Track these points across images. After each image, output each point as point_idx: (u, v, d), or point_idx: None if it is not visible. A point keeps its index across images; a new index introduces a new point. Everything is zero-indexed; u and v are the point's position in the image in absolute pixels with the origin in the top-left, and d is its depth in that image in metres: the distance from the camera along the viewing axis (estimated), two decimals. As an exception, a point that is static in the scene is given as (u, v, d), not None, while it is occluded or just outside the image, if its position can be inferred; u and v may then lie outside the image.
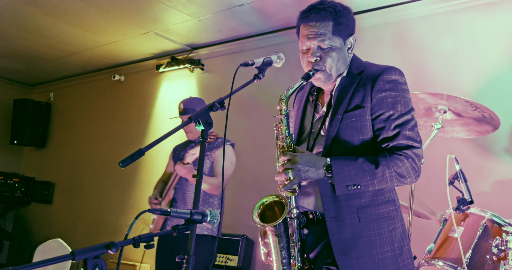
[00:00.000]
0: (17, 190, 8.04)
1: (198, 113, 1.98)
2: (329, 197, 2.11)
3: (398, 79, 2.17)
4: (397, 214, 2.18)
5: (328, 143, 2.16)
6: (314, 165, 2.06)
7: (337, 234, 2.08)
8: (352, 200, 2.10)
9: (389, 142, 2.11)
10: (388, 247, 2.09)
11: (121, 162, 1.68)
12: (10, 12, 5.41)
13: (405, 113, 2.13)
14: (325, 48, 2.19)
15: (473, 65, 4.00)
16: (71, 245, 3.95)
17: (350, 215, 2.09)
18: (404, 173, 2.08)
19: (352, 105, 2.16)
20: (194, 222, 1.69)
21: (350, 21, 2.27)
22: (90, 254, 1.36)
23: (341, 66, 2.24)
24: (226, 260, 4.70)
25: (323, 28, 2.18)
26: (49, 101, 8.46)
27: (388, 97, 2.13)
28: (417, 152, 2.11)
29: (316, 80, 2.25)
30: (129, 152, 1.75)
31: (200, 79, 6.17)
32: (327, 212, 2.11)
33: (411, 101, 2.20)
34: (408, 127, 2.12)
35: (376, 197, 2.13)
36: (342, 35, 2.23)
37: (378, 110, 2.13)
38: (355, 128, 2.14)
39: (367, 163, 2.05)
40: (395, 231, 2.13)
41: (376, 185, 2.07)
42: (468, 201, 2.90)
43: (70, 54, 6.86)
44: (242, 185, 5.26)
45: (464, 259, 2.74)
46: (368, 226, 2.09)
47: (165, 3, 4.89)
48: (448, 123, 3.35)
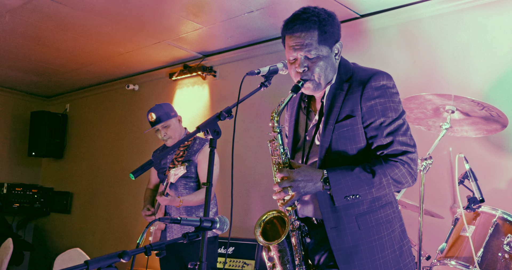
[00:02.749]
0: (36, 201, 8.14)
1: (206, 122, 2.02)
2: (328, 208, 2.13)
3: (386, 84, 2.16)
4: (395, 216, 2.19)
5: (322, 154, 2.17)
6: (311, 179, 2.07)
7: (339, 244, 2.10)
8: (351, 208, 2.11)
9: (383, 150, 2.12)
10: (389, 250, 2.12)
11: (132, 173, 1.74)
12: (26, 27, 5.52)
13: (396, 119, 2.13)
14: (312, 58, 2.18)
15: (483, 64, 3.99)
16: (90, 254, 4.02)
17: (350, 224, 2.11)
18: (401, 179, 2.09)
19: (343, 115, 2.16)
20: (204, 229, 1.73)
21: (335, 27, 2.25)
22: (103, 263, 1.41)
23: (329, 73, 2.23)
24: (243, 264, 4.72)
25: (309, 38, 2.16)
26: (65, 112, 8.56)
27: (378, 104, 2.13)
28: (412, 157, 2.11)
29: (305, 89, 2.25)
30: (145, 160, 1.80)
31: (213, 86, 6.22)
32: (327, 222, 2.13)
33: (401, 104, 2.20)
34: (401, 132, 2.13)
35: (374, 203, 2.14)
36: (328, 43, 2.20)
37: (369, 118, 2.14)
38: (348, 138, 2.15)
39: (364, 173, 2.06)
40: (394, 233, 2.15)
41: (374, 193, 2.08)
42: (479, 199, 2.91)
43: (84, 65, 6.96)
44: (254, 190, 5.30)
45: (476, 258, 2.75)
46: (368, 232, 2.11)
47: (176, 13, 4.95)
48: (457, 122, 3.36)
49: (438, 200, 3.80)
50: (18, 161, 8.57)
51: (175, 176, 3.68)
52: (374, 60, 4.57)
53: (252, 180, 5.37)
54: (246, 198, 5.35)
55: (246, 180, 5.39)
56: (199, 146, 3.98)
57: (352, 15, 4.74)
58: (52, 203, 8.28)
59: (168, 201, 3.68)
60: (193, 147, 3.99)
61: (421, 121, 3.52)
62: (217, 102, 6.08)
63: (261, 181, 5.29)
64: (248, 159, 5.38)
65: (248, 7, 4.71)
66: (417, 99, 3.26)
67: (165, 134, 4.03)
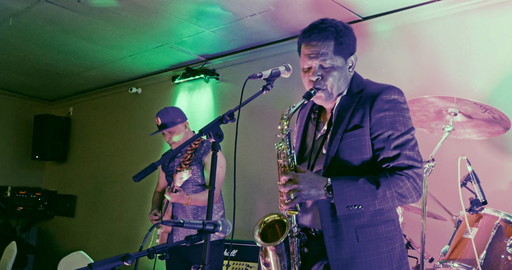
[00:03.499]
0: (40, 204, 8.17)
1: (209, 126, 2.03)
2: (328, 217, 2.12)
3: (397, 98, 2.16)
4: (397, 234, 2.17)
5: (327, 163, 2.16)
6: (315, 186, 2.06)
7: (336, 254, 2.08)
8: (351, 219, 2.10)
9: (389, 163, 2.10)
10: (387, 267, 2.09)
11: (134, 176, 1.74)
12: (29, 31, 5.56)
13: (404, 133, 2.12)
14: (326, 67, 2.20)
15: (486, 66, 3.99)
16: (94, 257, 4.03)
17: (349, 235, 2.09)
18: (405, 193, 2.07)
19: (351, 125, 2.16)
20: (206, 232, 1.74)
21: (351, 40, 2.28)
22: (107, 266, 1.41)
23: (342, 84, 2.25)
24: (246, 267, 4.72)
25: (325, 47, 2.19)
26: (68, 115, 8.59)
27: (387, 117, 2.13)
28: (418, 172, 2.09)
29: (317, 98, 2.26)
30: (148, 163, 1.80)
31: (215, 89, 6.23)
32: (326, 231, 2.11)
33: (411, 120, 2.20)
34: (408, 147, 2.11)
35: (376, 217, 2.13)
36: (343, 54, 2.23)
37: (377, 130, 2.13)
38: (354, 148, 2.14)
39: (368, 184, 2.05)
40: (394, 251, 2.12)
41: (377, 206, 2.06)
42: (482, 202, 2.91)
43: (88, 69, 6.98)
44: (258, 192, 5.31)
45: (479, 260, 2.75)
46: (367, 246, 2.08)
47: (178, 16, 4.97)
48: (459, 125, 3.36)
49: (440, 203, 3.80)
50: (21, 165, 8.61)
51: (181, 180, 3.70)
52: (376, 63, 4.58)
53: (256, 183, 5.38)
54: (250, 201, 5.36)
55: (250, 183, 5.39)
56: (207, 149, 4.02)
57: (354, 17, 4.74)
58: (56, 206, 8.31)
59: (176, 197, 3.70)
60: (200, 150, 4.03)
61: (424, 123, 3.53)
62: (220, 105, 6.09)
63: (265, 184, 5.30)
64: (252, 162, 5.39)
65: (251, 10, 4.72)
66: (420, 101, 3.26)
67: (169, 138, 4.09)
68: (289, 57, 4.90)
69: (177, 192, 3.69)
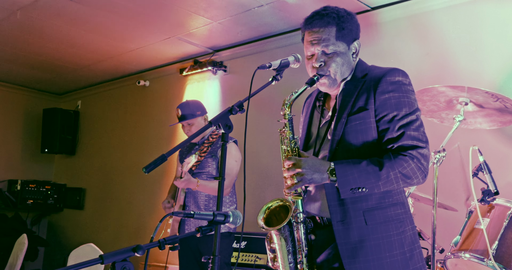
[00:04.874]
0: (50, 197, 8.20)
1: (218, 116, 2.02)
2: (335, 201, 2.10)
3: (401, 80, 2.16)
4: (407, 217, 2.15)
5: (333, 147, 2.15)
6: (318, 169, 2.05)
7: (344, 238, 2.07)
8: (359, 203, 2.08)
9: (393, 143, 2.09)
10: (398, 250, 2.06)
11: (144, 168, 1.74)
12: (36, 25, 5.56)
13: (409, 114, 2.11)
14: (329, 53, 2.20)
15: (497, 55, 3.95)
16: (104, 249, 4.04)
17: (357, 218, 2.07)
18: (409, 174, 2.05)
19: (356, 108, 2.15)
20: (217, 223, 1.73)
21: (354, 25, 2.27)
22: (118, 257, 1.41)
23: (345, 70, 2.24)
24: (255, 258, 4.73)
25: (327, 33, 2.19)
26: (77, 109, 8.60)
27: (392, 98, 2.12)
28: (422, 152, 2.07)
29: (321, 85, 2.26)
30: (157, 156, 1.79)
31: (223, 81, 6.22)
32: (333, 215, 2.10)
33: (416, 102, 2.18)
34: (413, 127, 2.10)
35: (384, 200, 2.10)
36: (346, 40, 2.23)
37: (382, 112, 2.12)
38: (360, 131, 2.13)
39: (371, 166, 2.03)
40: (405, 234, 2.10)
41: (382, 187, 2.04)
42: (493, 192, 2.89)
43: (95, 62, 6.99)
44: (266, 184, 5.30)
45: (491, 251, 2.73)
46: (376, 229, 2.06)
47: (186, 8, 4.95)
48: (470, 114, 3.33)
49: (451, 193, 3.78)
50: (31, 158, 8.64)
51: (188, 164, 3.71)
52: (385, 53, 4.54)
53: (266, 176, 5.36)
54: (259, 192, 5.35)
55: (261, 176, 5.37)
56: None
57: (363, 7, 4.71)
58: (65, 199, 8.34)
59: (184, 183, 3.71)
60: (217, 143, 4.04)
61: (434, 113, 3.50)
62: (228, 97, 6.07)
63: (276, 176, 5.27)
64: (262, 153, 5.37)
65: (258, 1, 4.69)
66: (430, 91, 3.24)
67: (188, 130, 4.16)
68: (297, 49, 4.81)
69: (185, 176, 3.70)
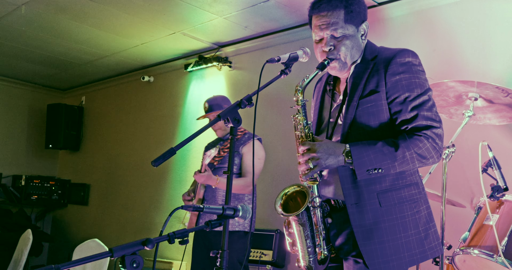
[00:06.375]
0: (54, 193, 8.20)
1: (227, 110, 2.00)
2: (349, 184, 2.11)
3: (411, 61, 2.16)
4: (421, 197, 2.16)
5: (345, 130, 2.16)
6: (333, 152, 2.06)
7: (359, 220, 2.08)
8: (372, 185, 2.09)
9: (407, 124, 2.10)
10: (413, 230, 2.08)
11: (153, 161, 1.72)
12: (41, 19, 5.54)
13: (421, 94, 2.11)
14: (338, 37, 2.20)
15: (506, 50, 3.92)
16: (108, 245, 4.02)
17: (371, 200, 2.08)
18: (425, 154, 2.06)
19: (367, 91, 2.16)
20: (226, 217, 1.72)
21: (362, 7, 2.27)
22: (128, 250, 1.40)
23: (355, 53, 2.24)
24: (260, 254, 4.72)
25: (335, 17, 2.18)
26: (81, 104, 8.59)
27: (403, 79, 2.12)
28: (437, 132, 2.08)
29: (331, 69, 2.26)
30: (161, 151, 1.78)
31: (228, 77, 6.19)
32: (347, 198, 2.10)
33: (427, 82, 2.18)
34: (426, 107, 2.10)
35: (398, 181, 2.11)
36: (354, 22, 2.22)
37: (393, 94, 2.12)
38: (371, 113, 2.14)
39: (387, 146, 2.04)
40: (420, 214, 2.11)
41: (398, 168, 2.05)
42: (503, 188, 2.86)
43: (100, 57, 6.97)
44: (274, 180, 5.27)
45: (500, 247, 2.70)
46: (390, 210, 2.07)
47: (191, 3, 4.93)
48: (480, 110, 3.30)
49: (460, 189, 3.75)
50: (35, 154, 8.65)
51: (209, 157, 3.71)
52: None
53: (278, 173, 5.31)
54: (267, 188, 5.32)
55: (273, 173, 5.32)
56: (247, 140, 4.01)
57: (369, 3, 4.67)
58: (70, 195, 8.35)
59: (204, 178, 3.71)
60: (241, 139, 4.02)
61: (443, 109, 3.47)
62: (233, 93, 6.05)
63: (287, 174, 5.23)
64: (275, 151, 5.32)
65: (264, -4, 4.67)
66: (439, 86, 3.21)
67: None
68: (304, 44, 4.80)
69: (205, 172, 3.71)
